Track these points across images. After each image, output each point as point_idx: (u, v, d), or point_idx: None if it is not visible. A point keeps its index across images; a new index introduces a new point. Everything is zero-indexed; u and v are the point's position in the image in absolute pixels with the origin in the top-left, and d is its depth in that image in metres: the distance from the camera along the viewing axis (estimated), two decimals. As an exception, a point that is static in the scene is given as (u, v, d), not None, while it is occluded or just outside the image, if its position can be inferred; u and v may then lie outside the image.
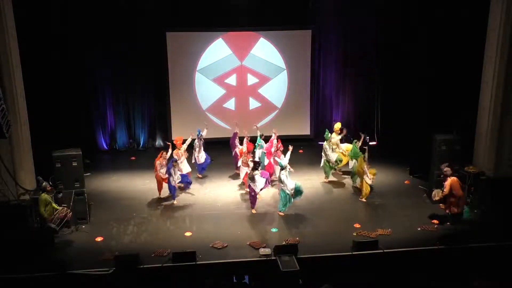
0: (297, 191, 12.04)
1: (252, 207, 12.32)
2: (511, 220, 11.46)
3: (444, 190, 11.41)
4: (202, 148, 14.03)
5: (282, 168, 12.11)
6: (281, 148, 13.23)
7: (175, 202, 12.75)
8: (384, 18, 16.25)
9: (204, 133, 14.16)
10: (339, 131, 14.29)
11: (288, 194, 11.99)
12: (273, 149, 13.35)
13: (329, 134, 14.04)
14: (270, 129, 14.77)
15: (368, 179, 12.63)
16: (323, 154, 13.90)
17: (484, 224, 11.60)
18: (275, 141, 13.50)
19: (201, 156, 14.06)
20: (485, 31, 12.26)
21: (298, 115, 17.24)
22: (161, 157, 12.84)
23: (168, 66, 16.37)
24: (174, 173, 12.53)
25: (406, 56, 15.84)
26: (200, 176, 14.32)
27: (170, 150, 13.32)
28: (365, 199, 12.86)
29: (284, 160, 12.24)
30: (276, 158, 12.79)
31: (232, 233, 11.35)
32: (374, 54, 16.75)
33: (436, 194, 11.73)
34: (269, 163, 13.54)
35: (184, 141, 13.64)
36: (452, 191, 11.35)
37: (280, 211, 12.16)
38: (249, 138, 13.81)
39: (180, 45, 16.39)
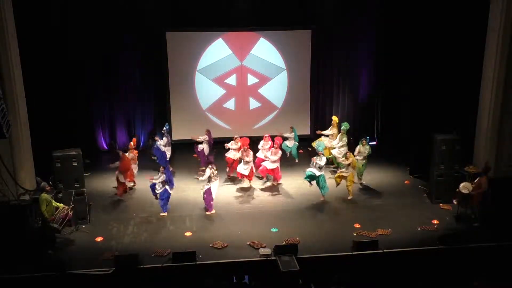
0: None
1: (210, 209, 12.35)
2: (511, 220, 11.46)
3: (483, 186, 11.37)
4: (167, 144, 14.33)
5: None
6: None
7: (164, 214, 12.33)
8: (384, 18, 16.25)
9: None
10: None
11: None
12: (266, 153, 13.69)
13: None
14: (270, 129, 14.83)
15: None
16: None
17: (484, 224, 11.60)
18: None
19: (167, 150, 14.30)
20: (485, 31, 12.26)
21: (298, 115, 17.22)
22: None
23: (168, 66, 16.36)
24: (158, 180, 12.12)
25: (406, 56, 15.82)
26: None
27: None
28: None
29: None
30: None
31: (232, 233, 11.35)
32: (374, 54, 16.74)
33: (466, 187, 11.60)
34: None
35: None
36: (482, 186, 11.44)
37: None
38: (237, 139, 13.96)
39: (180, 45, 16.38)
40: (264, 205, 12.77)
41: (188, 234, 11.36)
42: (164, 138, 14.30)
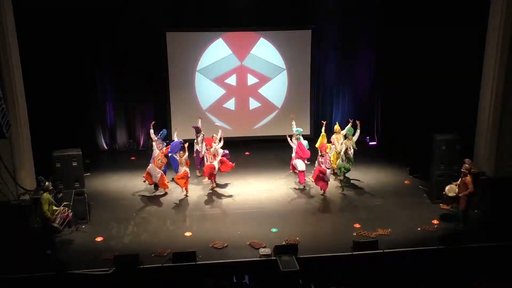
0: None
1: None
2: (511, 220, 11.45)
3: (469, 187, 11.26)
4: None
5: None
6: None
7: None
8: (384, 17, 16.24)
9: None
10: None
11: None
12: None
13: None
14: (270, 129, 14.81)
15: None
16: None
17: (484, 224, 11.60)
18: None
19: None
20: (485, 31, 12.26)
21: (298, 115, 17.09)
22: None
23: (168, 66, 16.36)
24: None
25: (406, 56, 15.80)
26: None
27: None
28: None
29: None
30: None
31: (232, 233, 11.35)
32: (374, 54, 16.74)
33: (451, 190, 11.55)
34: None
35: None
36: (468, 187, 11.34)
37: None
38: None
39: (180, 45, 16.38)
40: (264, 205, 12.77)
41: (188, 234, 11.36)
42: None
